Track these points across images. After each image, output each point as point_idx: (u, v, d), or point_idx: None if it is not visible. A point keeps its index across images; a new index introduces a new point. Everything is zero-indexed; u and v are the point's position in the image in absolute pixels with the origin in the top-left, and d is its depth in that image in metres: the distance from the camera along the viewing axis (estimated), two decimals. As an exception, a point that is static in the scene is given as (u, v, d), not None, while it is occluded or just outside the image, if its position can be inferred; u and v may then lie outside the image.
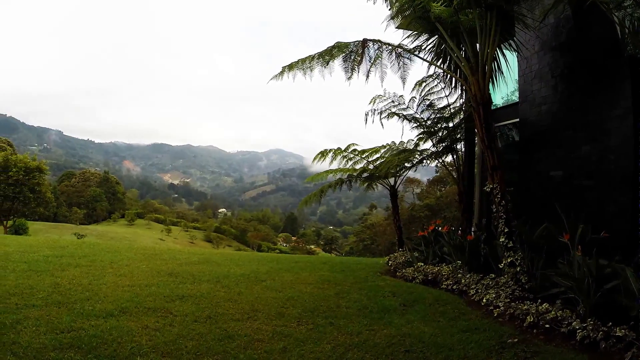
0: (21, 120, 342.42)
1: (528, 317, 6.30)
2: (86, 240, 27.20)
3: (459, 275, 8.83)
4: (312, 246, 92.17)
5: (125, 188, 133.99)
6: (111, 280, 8.88)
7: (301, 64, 9.90)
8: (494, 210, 8.21)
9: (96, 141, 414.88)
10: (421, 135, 13.57)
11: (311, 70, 9.85)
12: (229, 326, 6.33)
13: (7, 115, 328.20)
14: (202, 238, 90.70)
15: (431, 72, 12.12)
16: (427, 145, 13.55)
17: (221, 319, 6.67)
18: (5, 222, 44.35)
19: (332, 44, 9.92)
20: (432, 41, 10.38)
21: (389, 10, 10.02)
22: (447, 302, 7.78)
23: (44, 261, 10.42)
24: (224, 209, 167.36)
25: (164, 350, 5.36)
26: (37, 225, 60.83)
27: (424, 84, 12.63)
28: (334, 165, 15.63)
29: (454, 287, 8.53)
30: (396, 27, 10.83)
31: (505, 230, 7.83)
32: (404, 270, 10.42)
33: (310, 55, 9.87)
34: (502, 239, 7.89)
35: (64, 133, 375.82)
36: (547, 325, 6.04)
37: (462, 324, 6.53)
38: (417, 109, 13.19)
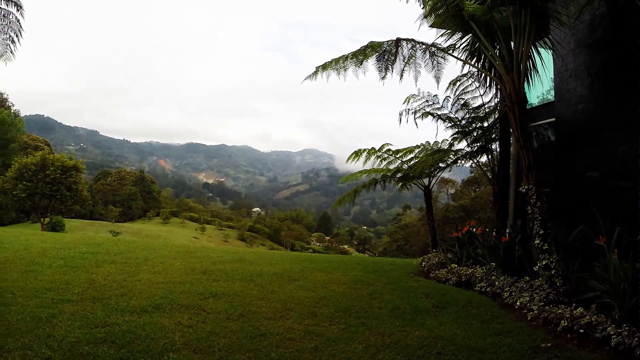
0: (58, 121, 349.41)
1: (562, 322, 6.17)
2: (121, 238, 27.53)
3: (493, 277, 8.69)
4: (346, 246, 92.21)
5: (160, 187, 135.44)
6: (145, 277, 9.01)
7: (335, 64, 9.87)
8: (529, 211, 8.06)
9: (132, 141, 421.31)
10: (456, 135, 13.44)
11: (345, 70, 9.83)
12: (261, 324, 6.35)
13: (45, 116, 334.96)
14: (236, 237, 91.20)
15: (465, 71, 12.00)
16: (462, 145, 13.43)
17: (253, 317, 6.70)
18: (42, 219, 45.13)
19: (365, 44, 9.86)
20: (466, 39, 10.25)
21: (422, 8, 9.94)
22: (480, 305, 7.68)
23: (80, 257, 10.65)
24: (257, 208, 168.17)
25: (197, 347, 5.41)
26: (73, 223, 61.86)
27: (458, 83, 12.53)
28: (368, 165, 15.56)
29: (488, 289, 8.40)
30: (429, 26, 10.74)
31: (541, 232, 7.68)
32: (437, 272, 10.32)
33: (343, 55, 9.84)
34: (537, 241, 7.74)
35: (100, 133, 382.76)
36: (581, 330, 5.91)
37: (495, 327, 6.43)
38: (451, 109, 13.09)
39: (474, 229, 11.21)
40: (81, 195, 46.26)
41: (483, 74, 10.93)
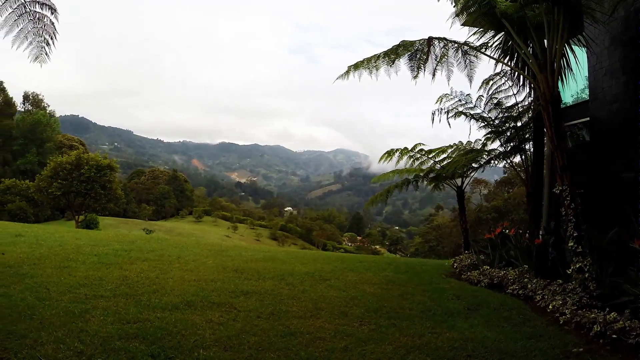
0: (93, 121, 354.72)
1: (595, 326, 6.02)
2: (154, 236, 27.82)
3: (525, 280, 8.56)
4: (377, 246, 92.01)
5: (193, 186, 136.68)
6: (178, 274, 9.14)
7: (367, 63, 9.83)
8: (563, 213, 7.92)
9: (165, 140, 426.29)
10: (489, 135, 13.28)
11: (377, 70, 9.76)
12: (291, 323, 6.37)
13: (79, 116, 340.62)
14: (268, 236, 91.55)
15: (498, 69, 11.84)
16: (495, 145, 13.27)
17: (284, 316, 6.73)
18: (77, 217, 45.92)
19: (397, 43, 9.79)
20: (499, 38, 10.16)
21: (454, 7, 9.83)
22: (512, 308, 7.56)
23: (113, 254, 10.87)
24: (290, 208, 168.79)
25: (227, 345, 5.45)
26: (107, 220, 62.80)
27: (491, 82, 12.36)
28: (401, 165, 15.48)
29: (520, 292, 8.28)
30: (461, 24, 10.61)
31: (575, 234, 7.53)
32: (469, 273, 10.20)
33: (375, 55, 9.79)
34: (570, 244, 7.59)
35: (134, 133, 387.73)
36: (614, 336, 5.74)
37: (527, 331, 6.32)
38: (484, 108, 12.93)
39: (507, 231, 11.09)
40: (115, 194, 46.93)
41: (516, 73, 10.82)
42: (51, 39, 8.82)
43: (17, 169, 76.81)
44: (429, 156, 15.04)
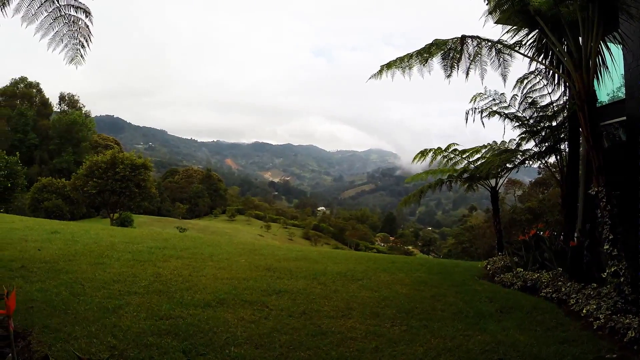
0: (127, 121, 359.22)
1: (629, 332, 5.89)
2: (188, 234, 28.08)
3: (559, 283, 8.42)
4: (410, 247, 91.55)
5: (226, 185, 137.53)
6: (211, 272, 9.25)
7: (399, 63, 9.80)
8: (599, 215, 7.77)
9: (199, 140, 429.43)
10: (523, 135, 13.10)
11: (410, 69, 9.73)
12: (322, 323, 6.41)
13: (114, 116, 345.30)
14: (301, 235, 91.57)
15: (533, 68, 11.66)
16: (530, 145, 13.08)
17: (316, 315, 6.78)
18: (112, 214, 46.80)
19: (430, 42, 9.72)
20: (533, 36, 10.02)
21: (486, 5, 9.71)
22: (545, 311, 7.46)
23: (147, 252, 11.07)
24: (323, 207, 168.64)
25: (258, 342, 5.51)
26: (141, 218, 63.65)
27: (525, 81, 12.18)
28: (434, 165, 15.36)
29: (553, 295, 8.15)
30: (495, 22, 10.45)
31: (610, 237, 7.37)
32: (502, 275, 10.09)
33: (408, 54, 9.76)
34: (606, 247, 7.43)
35: (168, 132, 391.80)
36: (649, 342, 5.61)
37: (560, 335, 6.23)
38: (518, 107, 12.76)
39: (542, 232, 10.99)
40: (149, 192, 47.55)
41: (551, 71, 10.63)
42: (86, 41, 8.94)
43: (53, 167, 78.37)
44: (463, 156, 14.86)
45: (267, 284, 8.45)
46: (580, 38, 8.22)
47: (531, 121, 12.68)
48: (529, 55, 10.00)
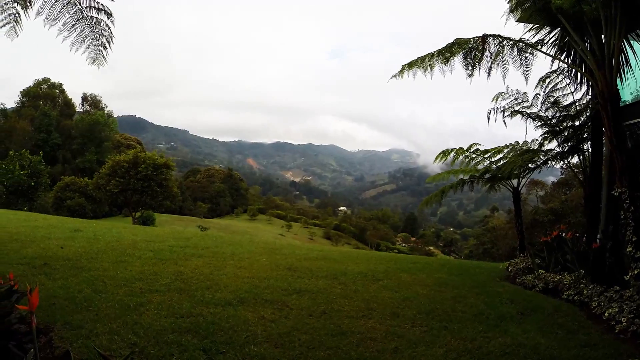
0: (149, 121, 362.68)
1: (652, 337, 5.79)
2: (209, 233, 28.27)
3: (581, 285, 8.30)
4: (431, 247, 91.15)
5: (248, 185, 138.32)
6: (231, 271, 9.33)
7: (421, 62, 9.77)
8: (622, 216, 7.67)
9: (220, 140, 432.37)
10: (546, 135, 12.93)
11: (431, 68, 9.68)
12: (342, 323, 6.43)
13: (137, 116, 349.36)
14: (322, 235, 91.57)
15: (555, 67, 11.53)
16: (552, 145, 12.92)
17: (336, 315, 6.80)
18: (134, 213, 47.28)
19: (451, 41, 9.68)
20: (555, 34, 9.91)
21: (508, 3, 9.63)
22: (567, 314, 7.37)
23: (169, 250, 11.22)
24: (344, 207, 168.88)
25: (278, 342, 5.54)
26: (163, 217, 64.36)
27: (547, 80, 12.03)
28: (456, 165, 15.26)
29: (575, 298, 8.04)
30: (516, 21, 10.36)
31: (634, 239, 7.26)
32: (523, 277, 9.97)
33: (429, 53, 9.74)
34: (629, 249, 7.32)
35: (189, 132, 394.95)
36: (672, 347, 5.51)
37: (581, 338, 6.15)
38: (541, 107, 12.60)
39: (564, 234, 10.86)
40: (171, 192, 47.96)
41: (573, 70, 10.52)
42: (108, 42, 9.05)
43: (76, 167, 79.52)
44: (485, 156, 14.74)
45: (288, 284, 8.50)
46: (602, 36, 8.12)
47: (553, 121, 12.50)
48: (550, 53, 9.91)
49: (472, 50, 9.51)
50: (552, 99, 12.32)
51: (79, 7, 8.48)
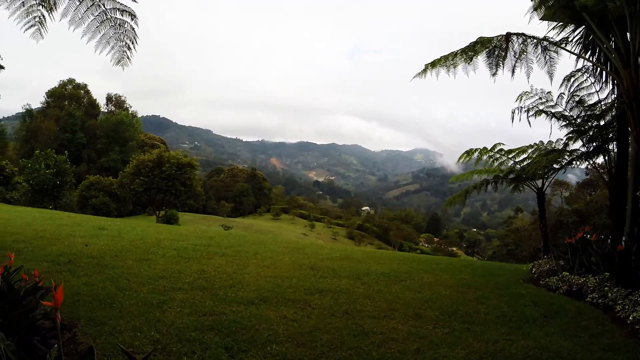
0: (173, 121, 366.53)
1: (678, 342, 5.67)
2: (232, 232, 28.47)
3: (606, 288, 8.16)
4: (454, 248, 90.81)
5: (271, 184, 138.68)
6: (254, 270, 9.38)
7: (444, 61, 9.77)
8: (648, 218, 7.54)
9: (244, 139, 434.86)
10: (570, 135, 12.78)
11: (454, 67, 9.65)
12: (364, 323, 6.40)
13: (160, 116, 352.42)
14: (345, 235, 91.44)
15: (580, 66, 11.39)
16: (577, 145, 12.76)
17: (358, 315, 6.78)
18: (157, 212, 47.77)
19: (474, 40, 9.62)
20: (579, 32, 9.80)
21: (531, 0, 9.54)
22: (591, 317, 7.24)
23: (192, 249, 11.32)
24: (367, 207, 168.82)
25: (300, 341, 5.53)
26: (187, 216, 65.00)
27: (572, 79, 11.88)
28: (479, 165, 15.14)
29: (599, 300, 7.90)
30: (540, 19, 10.28)
31: (660, 241, 7.14)
32: (547, 279, 9.84)
33: (452, 52, 9.71)
34: (655, 251, 7.21)
35: (213, 132, 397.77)
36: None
37: (604, 342, 6.04)
38: (565, 106, 12.46)
39: (589, 236, 10.67)
40: (195, 191, 48.31)
41: (598, 69, 10.38)
42: (132, 43, 9.16)
43: (101, 166, 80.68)
44: (509, 156, 14.60)
45: (310, 283, 8.51)
46: (628, 34, 8.00)
47: (578, 120, 12.37)
48: (575, 52, 9.79)
49: (495, 49, 9.44)
50: (576, 98, 12.19)
51: (103, 8, 8.61)
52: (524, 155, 14.30)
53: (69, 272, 8.02)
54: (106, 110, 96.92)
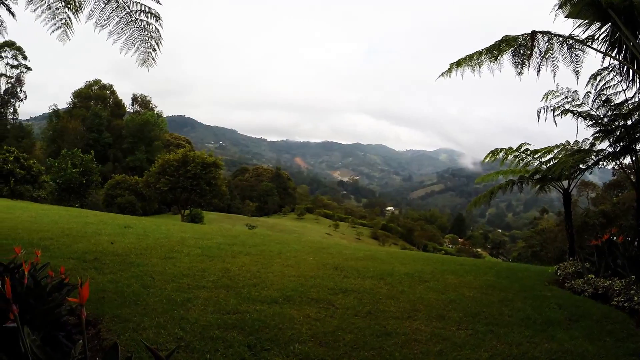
0: (198, 120, 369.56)
1: None
2: (257, 231, 28.63)
3: (632, 291, 8.00)
4: (479, 249, 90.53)
5: (295, 184, 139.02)
6: (278, 269, 9.44)
7: (469, 60, 9.72)
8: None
9: (268, 139, 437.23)
10: (597, 134, 12.57)
11: (479, 67, 9.58)
12: (388, 323, 6.37)
13: (186, 116, 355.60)
14: (369, 235, 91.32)
15: (606, 64, 11.21)
16: (604, 145, 12.56)
17: (381, 315, 6.75)
18: (182, 211, 48.38)
19: (499, 38, 9.55)
20: (605, 30, 9.63)
21: (556, -2, 9.43)
22: (616, 321, 7.08)
23: (217, 248, 11.46)
24: (391, 207, 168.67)
25: (322, 340, 5.53)
26: (211, 215, 65.51)
27: (598, 78, 11.69)
28: (505, 166, 15.00)
29: (625, 304, 7.74)
30: (565, 16, 10.13)
31: (688, 244, 7.00)
32: (572, 282, 9.69)
33: (477, 51, 9.68)
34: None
35: (238, 132, 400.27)
36: None
37: (629, 347, 5.91)
38: (592, 105, 12.27)
39: (615, 238, 10.50)
40: (220, 190, 48.74)
41: (625, 67, 10.21)
42: (157, 44, 9.24)
43: (126, 165, 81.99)
44: (535, 156, 14.43)
45: (334, 283, 8.52)
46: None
47: (605, 120, 12.17)
48: (601, 50, 9.64)
49: (520, 48, 9.36)
50: (603, 97, 12.00)
51: (128, 10, 8.69)
52: (550, 156, 14.14)
53: (95, 270, 8.14)
54: (132, 111, 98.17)
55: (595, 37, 9.83)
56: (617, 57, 9.81)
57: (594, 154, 12.72)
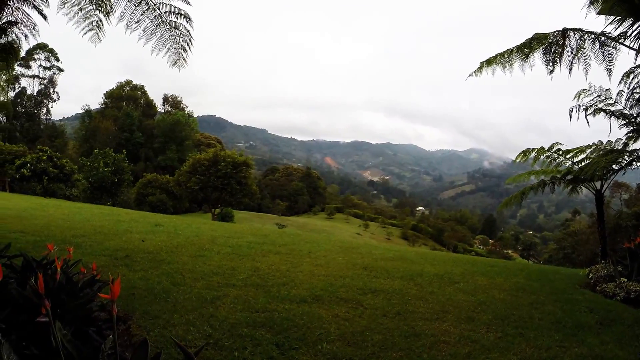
0: (229, 120, 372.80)
1: None
2: (287, 230, 28.78)
3: (665, 296, 7.87)
4: (510, 251, 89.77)
5: (326, 183, 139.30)
6: (308, 269, 9.46)
7: (499, 59, 9.64)
8: None
9: (299, 139, 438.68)
10: (630, 134, 12.35)
11: (510, 65, 9.50)
12: (416, 324, 6.35)
13: (216, 116, 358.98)
14: (399, 235, 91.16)
15: (639, 61, 11.01)
16: (638, 145, 12.36)
17: (410, 316, 6.73)
18: (213, 209, 48.90)
19: (530, 36, 9.46)
20: (638, 26, 9.44)
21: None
22: (648, 326, 6.96)
23: (247, 246, 11.55)
24: (422, 207, 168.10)
25: (350, 340, 5.53)
26: (241, 214, 66.02)
27: (632, 76, 11.47)
28: (537, 166, 14.80)
29: (658, 309, 7.62)
30: (597, 13, 9.96)
31: None
32: (604, 285, 9.52)
33: (508, 49, 9.58)
34: None
35: (268, 131, 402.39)
36: None
37: (662, 353, 5.78)
38: (625, 104, 12.05)
39: (649, 241, 10.31)
40: (250, 189, 49.08)
41: (659, 65, 10.02)
42: (187, 45, 9.31)
43: (157, 164, 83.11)
44: (567, 156, 14.20)
45: (363, 283, 8.52)
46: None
47: (639, 119, 11.95)
48: (634, 47, 9.47)
49: (552, 45, 9.24)
50: (636, 96, 11.78)
51: (159, 12, 8.78)
52: (582, 156, 13.90)
53: (126, 267, 8.29)
54: (163, 111, 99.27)
55: (628, 34, 9.66)
56: (651, 54, 9.64)
57: (627, 154, 12.50)
